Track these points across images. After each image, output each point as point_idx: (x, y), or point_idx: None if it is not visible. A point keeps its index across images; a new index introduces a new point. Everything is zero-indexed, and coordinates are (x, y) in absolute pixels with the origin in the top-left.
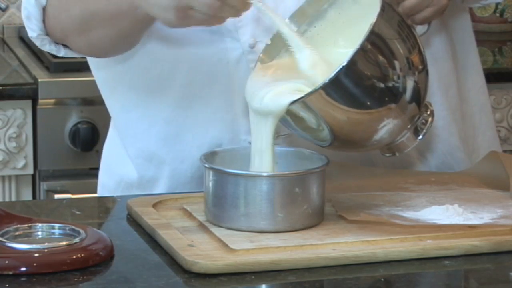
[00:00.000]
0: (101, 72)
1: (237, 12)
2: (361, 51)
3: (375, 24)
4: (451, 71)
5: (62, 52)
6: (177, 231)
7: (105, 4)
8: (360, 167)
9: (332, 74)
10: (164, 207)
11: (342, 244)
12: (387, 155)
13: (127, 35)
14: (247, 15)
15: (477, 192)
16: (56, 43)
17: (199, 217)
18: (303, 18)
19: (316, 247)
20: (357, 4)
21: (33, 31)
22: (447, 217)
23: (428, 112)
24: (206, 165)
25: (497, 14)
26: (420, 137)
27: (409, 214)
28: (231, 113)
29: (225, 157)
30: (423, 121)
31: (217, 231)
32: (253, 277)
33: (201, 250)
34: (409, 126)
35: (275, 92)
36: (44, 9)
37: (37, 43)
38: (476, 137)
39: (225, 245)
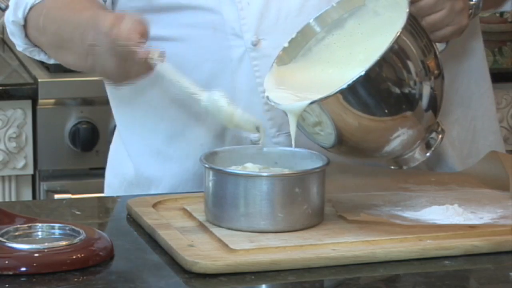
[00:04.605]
0: None
1: (145, 72)
2: (383, 60)
3: (399, 36)
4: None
5: (52, 60)
6: (177, 231)
7: (72, 44)
8: (360, 167)
9: (351, 80)
10: (164, 207)
11: (342, 244)
12: (393, 167)
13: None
14: (250, 12)
15: (477, 192)
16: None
17: (199, 217)
18: (322, 25)
19: (316, 247)
20: (378, 17)
21: (19, 46)
22: (447, 217)
23: (440, 129)
24: (206, 165)
25: (497, 14)
26: (429, 153)
27: (409, 214)
28: None
29: (225, 157)
30: (434, 137)
31: (217, 231)
32: (253, 277)
33: (201, 250)
34: (420, 141)
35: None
36: (25, 26)
37: (27, 54)
38: (476, 141)
39: (225, 245)
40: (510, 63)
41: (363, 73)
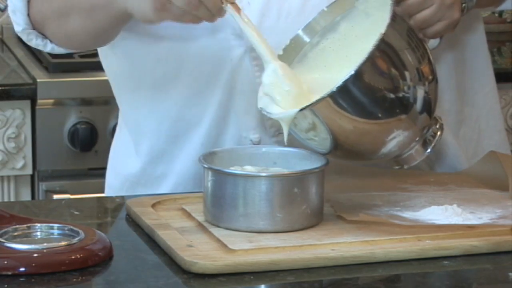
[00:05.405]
0: (110, 68)
1: (212, 17)
2: (370, 59)
3: (384, 34)
4: (450, 75)
5: (48, 47)
6: (176, 231)
7: None
8: (359, 167)
9: (340, 82)
10: (163, 208)
11: (341, 244)
12: (395, 167)
13: (102, 30)
14: (251, 12)
15: (476, 192)
16: (44, 38)
17: (198, 217)
18: (316, 29)
19: (315, 247)
20: (369, 18)
21: (19, 25)
22: (446, 217)
23: (438, 126)
24: (205, 165)
25: (496, 14)
26: (429, 150)
27: (408, 214)
28: (233, 110)
29: (224, 157)
30: (432, 134)
31: (216, 231)
32: (252, 277)
33: (200, 251)
34: (417, 139)
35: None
36: (29, 3)
37: (24, 37)
38: (481, 141)
39: (224, 245)
40: (510, 63)
41: (352, 72)
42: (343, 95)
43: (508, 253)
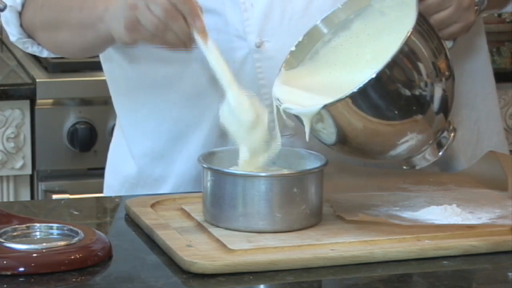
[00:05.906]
0: (110, 69)
1: (183, 44)
2: (393, 62)
3: (409, 37)
4: None
5: (45, 53)
6: (175, 231)
7: (77, 12)
8: (358, 167)
9: (362, 84)
10: (162, 207)
11: (340, 244)
12: (405, 167)
13: (90, 46)
14: (254, 14)
15: (475, 192)
16: (39, 45)
17: (197, 217)
18: (335, 22)
19: (314, 247)
20: (384, 17)
21: (13, 35)
22: (445, 217)
23: (451, 128)
24: (204, 165)
25: (495, 14)
26: (441, 153)
27: (407, 214)
28: None
29: (224, 157)
30: (446, 136)
31: (215, 231)
32: (251, 277)
33: (199, 250)
34: (430, 142)
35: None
36: (20, 14)
37: (20, 46)
38: (480, 142)
39: (223, 245)
40: (509, 63)
41: (374, 75)
42: (362, 95)
43: (507, 253)
